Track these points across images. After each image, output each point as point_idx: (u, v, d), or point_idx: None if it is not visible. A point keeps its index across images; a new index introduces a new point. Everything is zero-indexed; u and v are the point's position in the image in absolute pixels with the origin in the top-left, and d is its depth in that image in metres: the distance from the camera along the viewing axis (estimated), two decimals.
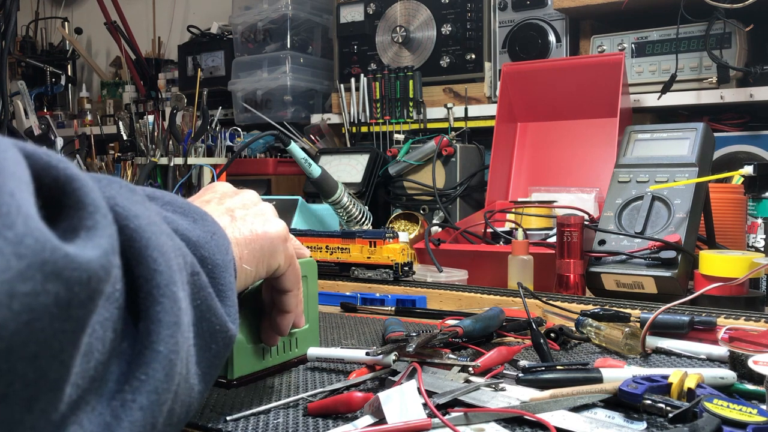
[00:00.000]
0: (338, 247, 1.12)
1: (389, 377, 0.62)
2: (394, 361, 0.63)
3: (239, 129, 2.07)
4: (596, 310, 0.80)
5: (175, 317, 0.37)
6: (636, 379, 0.56)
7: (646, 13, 1.60)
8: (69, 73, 2.95)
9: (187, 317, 0.39)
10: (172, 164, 1.76)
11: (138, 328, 0.36)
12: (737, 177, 1.23)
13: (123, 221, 0.36)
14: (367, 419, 0.53)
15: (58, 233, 0.30)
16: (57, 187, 0.31)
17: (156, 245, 0.37)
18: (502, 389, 0.59)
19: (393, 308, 0.96)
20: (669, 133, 1.10)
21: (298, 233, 1.17)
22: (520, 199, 1.46)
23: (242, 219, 0.54)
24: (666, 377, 0.56)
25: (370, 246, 1.09)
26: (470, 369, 0.62)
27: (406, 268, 1.09)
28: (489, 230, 1.29)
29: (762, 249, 1.14)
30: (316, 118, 2.06)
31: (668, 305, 0.75)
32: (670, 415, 0.52)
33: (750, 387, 0.60)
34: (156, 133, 1.79)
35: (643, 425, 0.52)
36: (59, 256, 0.28)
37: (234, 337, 0.45)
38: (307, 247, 1.11)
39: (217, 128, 1.87)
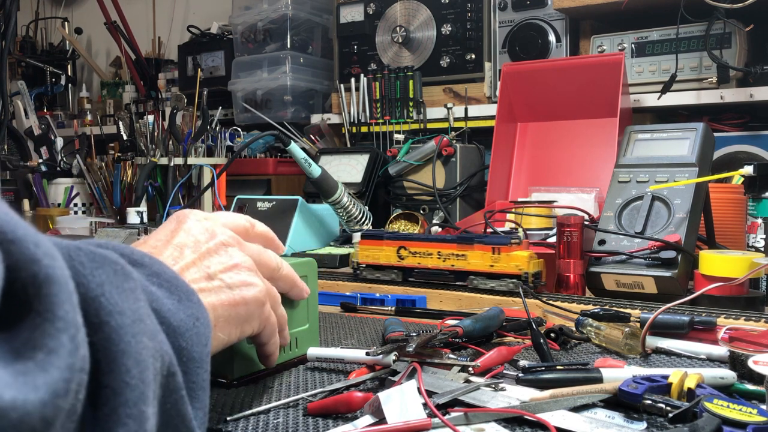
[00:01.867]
0: (453, 254, 1.01)
1: (389, 377, 0.62)
2: (394, 361, 0.63)
3: (239, 129, 2.07)
4: (596, 310, 0.80)
5: None
6: (636, 379, 0.56)
7: (646, 13, 1.59)
8: (69, 73, 2.95)
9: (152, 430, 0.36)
10: (172, 164, 1.76)
11: None
12: (737, 177, 1.23)
13: (106, 316, 0.33)
14: (367, 419, 0.53)
15: (14, 345, 0.27)
16: (33, 285, 0.28)
17: (134, 352, 0.34)
18: (502, 389, 0.59)
19: (393, 308, 0.96)
20: (669, 133, 1.10)
21: (403, 237, 1.06)
22: (520, 199, 1.46)
23: (220, 280, 0.52)
24: (666, 377, 0.56)
25: (493, 252, 0.98)
26: (470, 369, 0.62)
27: (536, 279, 0.97)
28: (489, 230, 1.29)
29: (762, 249, 1.14)
30: (316, 118, 2.06)
31: (668, 305, 0.75)
32: (670, 415, 0.52)
33: (750, 387, 0.60)
34: (156, 133, 1.79)
35: (643, 425, 0.52)
36: None
37: None
38: (415, 252, 1.04)
39: (217, 128, 1.87)
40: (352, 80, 1.94)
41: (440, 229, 1.36)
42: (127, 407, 0.33)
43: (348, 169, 1.73)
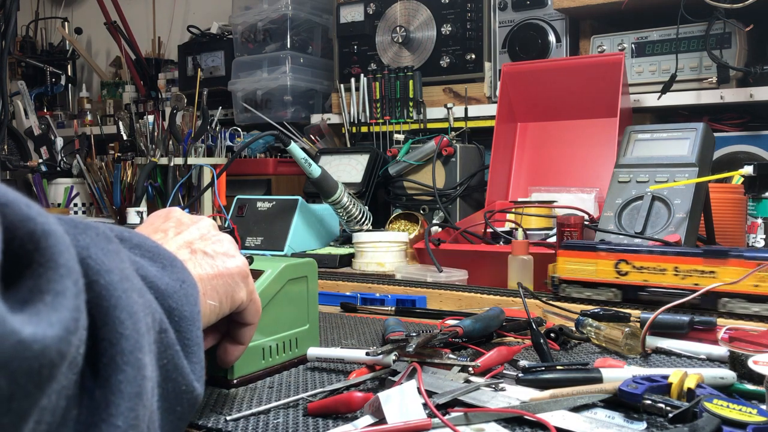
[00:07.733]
0: (696, 270, 0.84)
1: (389, 377, 0.62)
2: (394, 361, 0.63)
3: (239, 129, 2.07)
4: (596, 310, 0.80)
5: (137, 387, 0.34)
6: (636, 379, 0.56)
7: (646, 13, 1.59)
8: (69, 73, 2.95)
9: (152, 382, 0.37)
10: (172, 164, 1.76)
11: (95, 396, 0.33)
12: (737, 177, 1.23)
13: (94, 276, 0.34)
14: (367, 419, 0.53)
15: (21, 295, 0.28)
16: (31, 241, 0.29)
17: (125, 305, 0.35)
18: (502, 389, 0.59)
19: (393, 308, 0.96)
20: (669, 133, 1.10)
21: (622, 249, 0.90)
22: (520, 199, 1.46)
23: (202, 253, 0.53)
24: (666, 377, 0.56)
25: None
26: (470, 369, 0.62)
27: None
28: (489, 230, 1.29)
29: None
30: (316, 118, 2.06)
31: (668, 305, 0.75)
32: (670, 415, 0.52)
33: (750, 387, 0.60)
34: (156, 133, 1.79)
35: (643, 425, 0.52)
36: (9, 344, 0.26)
37: (200, 397, 0.43)
38: (640, 267, 0.88)
39: (217, 128, 1.87)
40: (352, 80, 1.94)
41: (440, 229, 1.36)
42: (124, 355, 0.34)
43: (348, 169, 1.73)
